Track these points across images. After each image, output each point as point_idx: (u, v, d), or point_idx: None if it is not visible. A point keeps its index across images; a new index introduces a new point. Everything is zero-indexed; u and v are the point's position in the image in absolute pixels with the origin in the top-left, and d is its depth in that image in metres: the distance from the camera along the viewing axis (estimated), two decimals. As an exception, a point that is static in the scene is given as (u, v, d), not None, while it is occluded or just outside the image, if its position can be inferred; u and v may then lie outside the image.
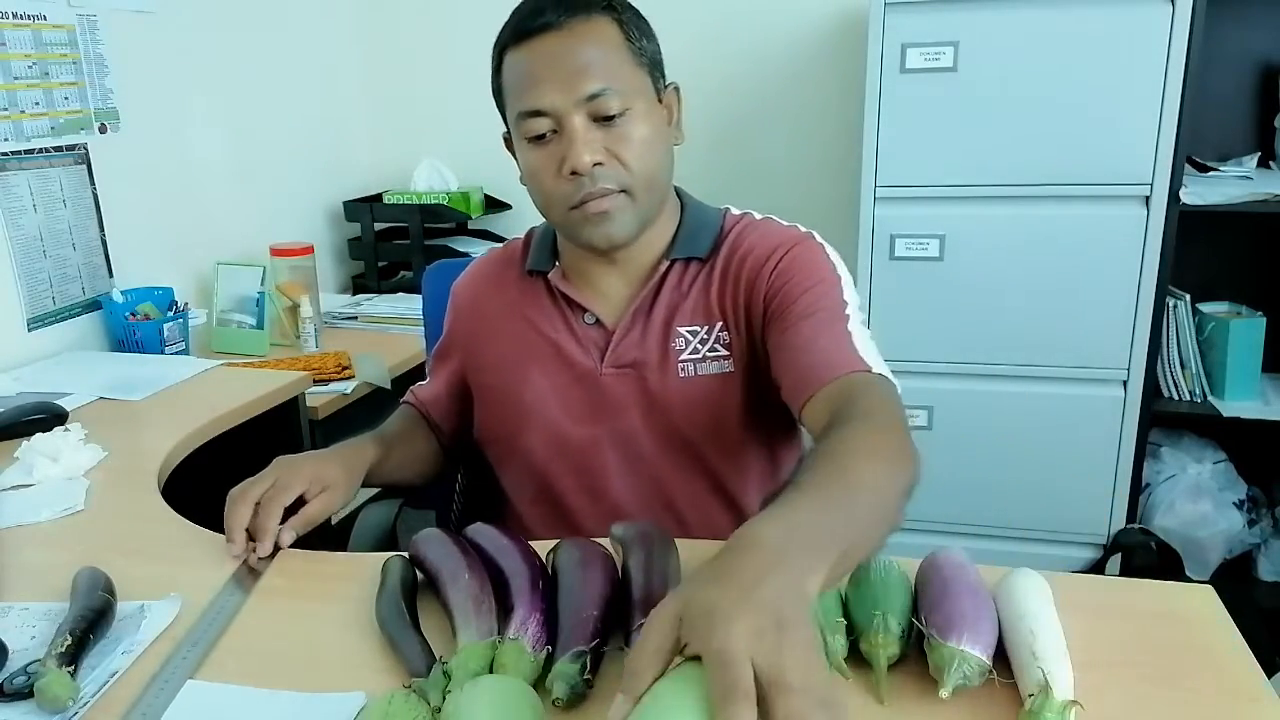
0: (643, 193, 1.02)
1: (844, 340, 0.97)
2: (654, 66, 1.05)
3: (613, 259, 1.09)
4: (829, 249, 1.09)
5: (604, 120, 0.99)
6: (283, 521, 0.97)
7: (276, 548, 0.97)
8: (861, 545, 0.71)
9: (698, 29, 2.41)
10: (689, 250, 1.10)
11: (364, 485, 1.11)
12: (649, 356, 1.09)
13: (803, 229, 1.11)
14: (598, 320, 1.11)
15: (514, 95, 1.01)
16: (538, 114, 0.98)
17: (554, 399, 1.12)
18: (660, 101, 1.05)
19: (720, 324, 1.09)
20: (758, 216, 1.13)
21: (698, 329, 1.09)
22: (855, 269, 1.95)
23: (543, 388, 1.12)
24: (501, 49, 1.03)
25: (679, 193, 1.15)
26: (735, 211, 1.15)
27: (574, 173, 0.98)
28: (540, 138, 1.00)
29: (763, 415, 1.10)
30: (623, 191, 1.01)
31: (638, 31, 1.03)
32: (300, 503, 0.99)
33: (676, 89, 1.08)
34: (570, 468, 1.14)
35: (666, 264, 1.09)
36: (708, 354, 1.08)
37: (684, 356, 1.09)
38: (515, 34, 1.00)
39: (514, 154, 1.08)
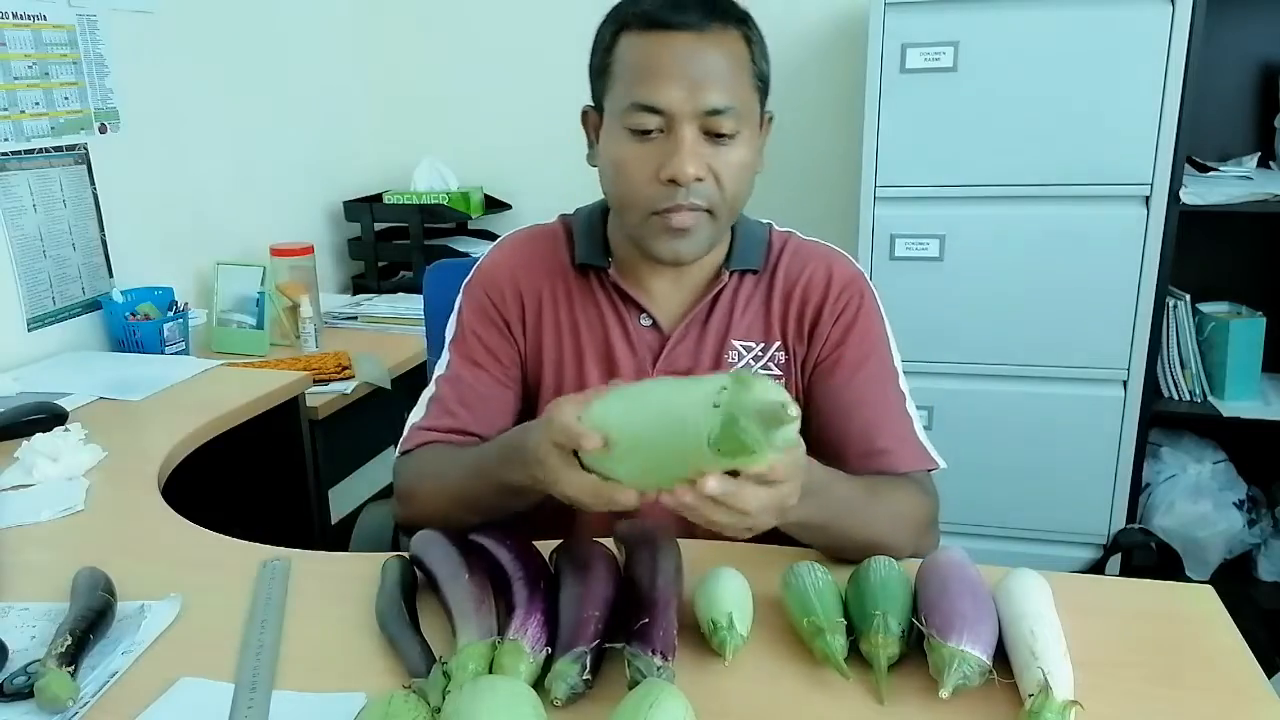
0: (725, 216, 1.00)
1: (904, 426, 1.05)
2: (764, 93, 1.01)
3: (672, 265, 1.06)
4: (872, 287, 1.10)
5: (714, 137, 0.95)
6: None
7: None
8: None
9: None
10: (745, 262, 1.08)
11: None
12: (701, 365, 1.08)
13: (852, 261, 1.11)
14: (654, 323, 1.08)
15: (628, 82, 0.96)
16: (653, 110, 0.94)
17: None
18: (760, 128, 1.02)
19: (778, 344, 1.08)
20: (798, 234, 1.13)
21: (753, 345, 1.08)
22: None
23: (596, 385, 1.07)
24: (620, 28, 0.97)
25: None
26: (776, 225, 1.14)
27: (672, 181, 0.94)
28: (645, 133, 0.95)
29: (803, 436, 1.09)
30: (707, 211, 0.98)
31: (761, 54, 0.99)
32: None
33: (771, 118, 1.05)
34: None
35: (728, 275, 1.07)
36: (760, 370, 1.08)
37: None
38: (647, 21, 0.95)
39: (589, 132, 1.05)
